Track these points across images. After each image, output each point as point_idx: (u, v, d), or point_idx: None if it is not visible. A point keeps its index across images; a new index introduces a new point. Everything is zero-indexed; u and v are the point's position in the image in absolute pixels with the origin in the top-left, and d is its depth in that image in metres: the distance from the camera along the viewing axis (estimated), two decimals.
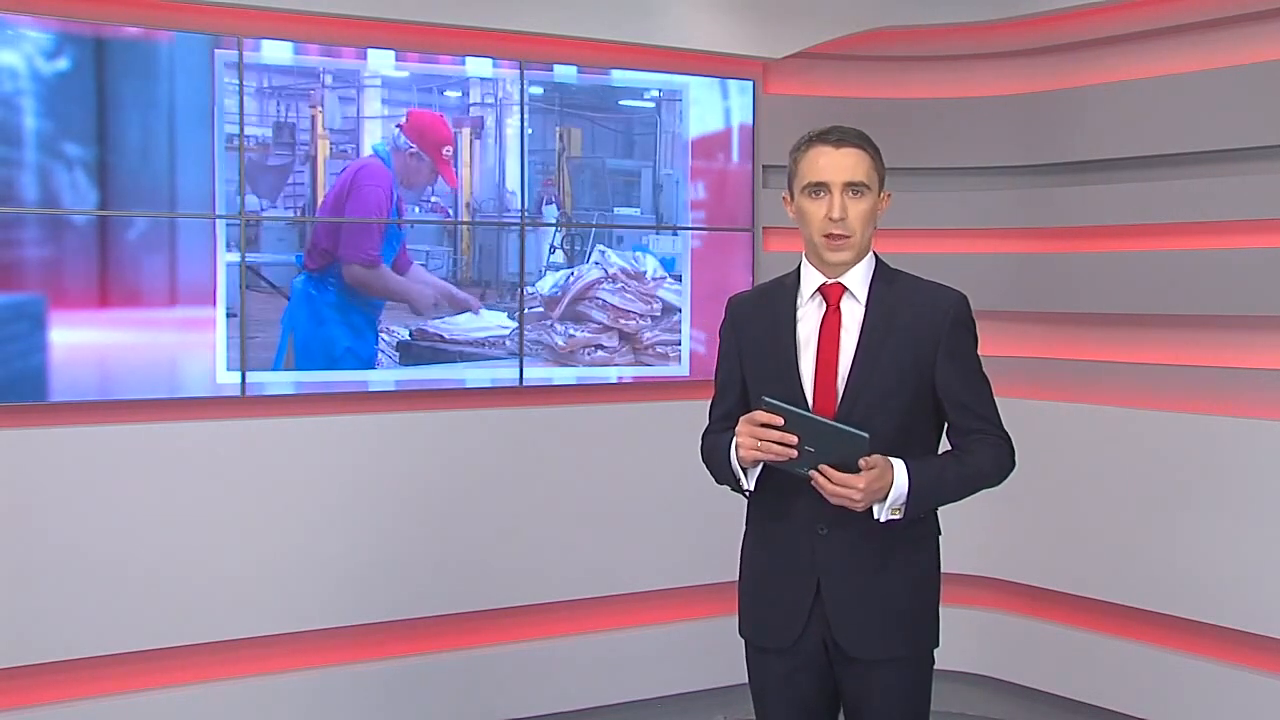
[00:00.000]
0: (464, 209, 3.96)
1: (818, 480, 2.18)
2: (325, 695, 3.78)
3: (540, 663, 4.08)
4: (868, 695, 2.32)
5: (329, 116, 3.76)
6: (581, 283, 4.16)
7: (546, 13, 3.98)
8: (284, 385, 3.74)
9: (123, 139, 3.50)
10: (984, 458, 2.32)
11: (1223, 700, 3.69)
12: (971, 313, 2.36)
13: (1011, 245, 4.34)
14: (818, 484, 2.18)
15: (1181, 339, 3.91)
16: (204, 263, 3.62)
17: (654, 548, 4.23)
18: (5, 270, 3.38)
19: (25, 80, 3.38)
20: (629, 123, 4.20)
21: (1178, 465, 3.83)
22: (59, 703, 3.46)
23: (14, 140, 3.37)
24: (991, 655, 4.28)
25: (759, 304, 2.44)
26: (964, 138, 4.42)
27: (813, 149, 2.30)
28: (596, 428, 4.17)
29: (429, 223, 3.92)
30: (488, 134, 3.99)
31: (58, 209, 3.43)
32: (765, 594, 2.38)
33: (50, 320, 3.43)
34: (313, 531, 3.76)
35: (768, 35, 4.30)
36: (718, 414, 2.48)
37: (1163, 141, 3.94)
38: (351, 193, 3.79)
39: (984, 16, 4.24)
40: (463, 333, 3.98)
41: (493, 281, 4.02)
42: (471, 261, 3.99)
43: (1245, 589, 3.65)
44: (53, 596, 3.44)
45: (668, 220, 4.28)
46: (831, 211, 2.27)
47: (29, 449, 3.42)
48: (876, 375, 2.27)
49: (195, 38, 3.57)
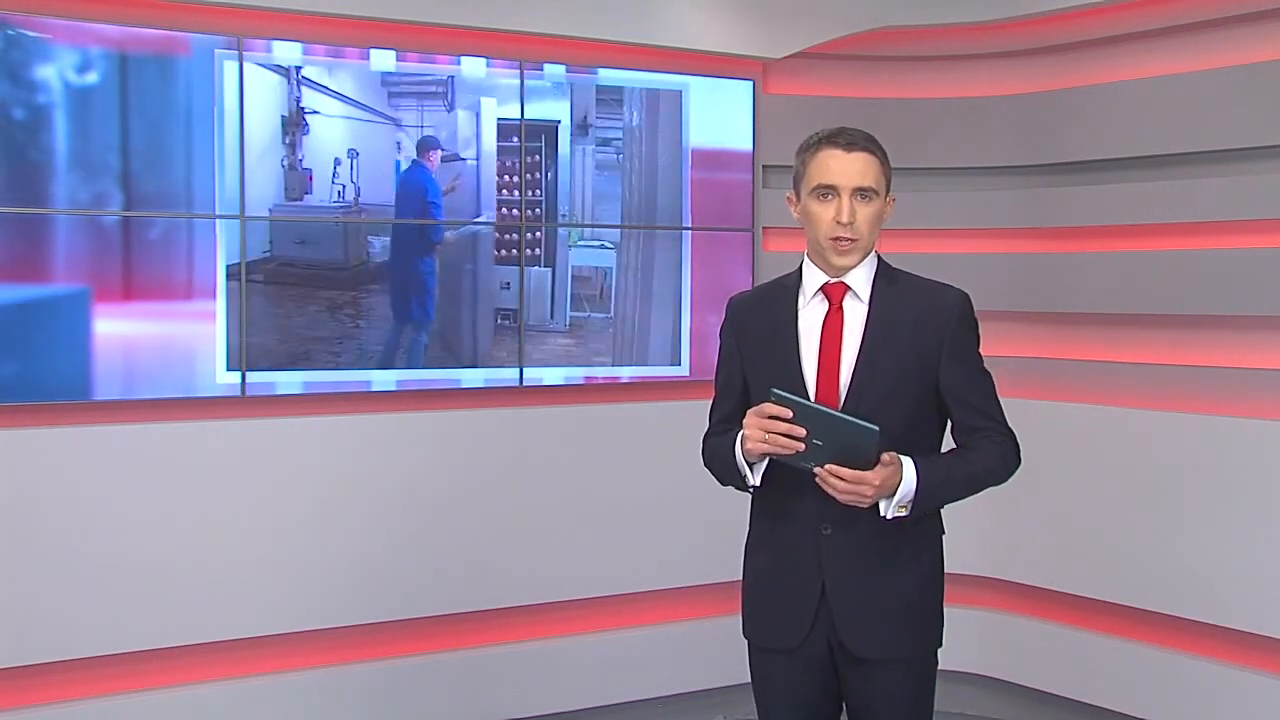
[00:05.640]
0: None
1: (827, 481, 2.16)
2: (325, 695, 3.78)
3: (540, 663, 4.08)
4: (872, 695, 2.31)
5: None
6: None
7: (546, 13, 3.98)
8: (284, 385, 3.74)
9: (124, 139, 3.49)
10: (990, 455, 2.31)
11: (1223, 700, 3.69)
12: (974, 311, 2.35)
13: (1011, 245, 4.34)
14: (827, 484, 2.17)
15: (1181, 339, 3.91)
16: (204, 263, 3.61)
17: (654, 548, 4.23)
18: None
19: (24, 80, 3.38)
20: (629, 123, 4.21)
21: (1178, 465, 3.83)
22: (59, 703, 3.45)
23: (14, 140, 3.37)
24: (992, 655, 4.28)
25: (760, 304, 2.43)
26: (964, 138, 4.42)
27: (823, 151, 2.29)
28: (596, 428, 4.17)
29: (427, 223, 3.92)
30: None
31: (57, 209, 3.43)
32: (769, 595, 2.37)
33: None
34: (313, 531, 3.75)
35: (768, 35, 4.30)
36: (719, 416, 2.47)
37: (1163, 141, 3.94)
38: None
39: (984, 16, 4.24)
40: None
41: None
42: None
43: (1245, 589, 3.65)
44: (52, 596, 3.43)
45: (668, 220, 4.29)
46: (840, 216, 2.26)
47: (28, 449, 3.42)
48: (879, 374, 2.27)
49: (197, 38, 3.57)
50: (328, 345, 3.80)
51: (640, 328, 4.27)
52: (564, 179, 4.13)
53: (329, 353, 3.80)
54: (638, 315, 4.27)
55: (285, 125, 3.72)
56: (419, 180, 3.92)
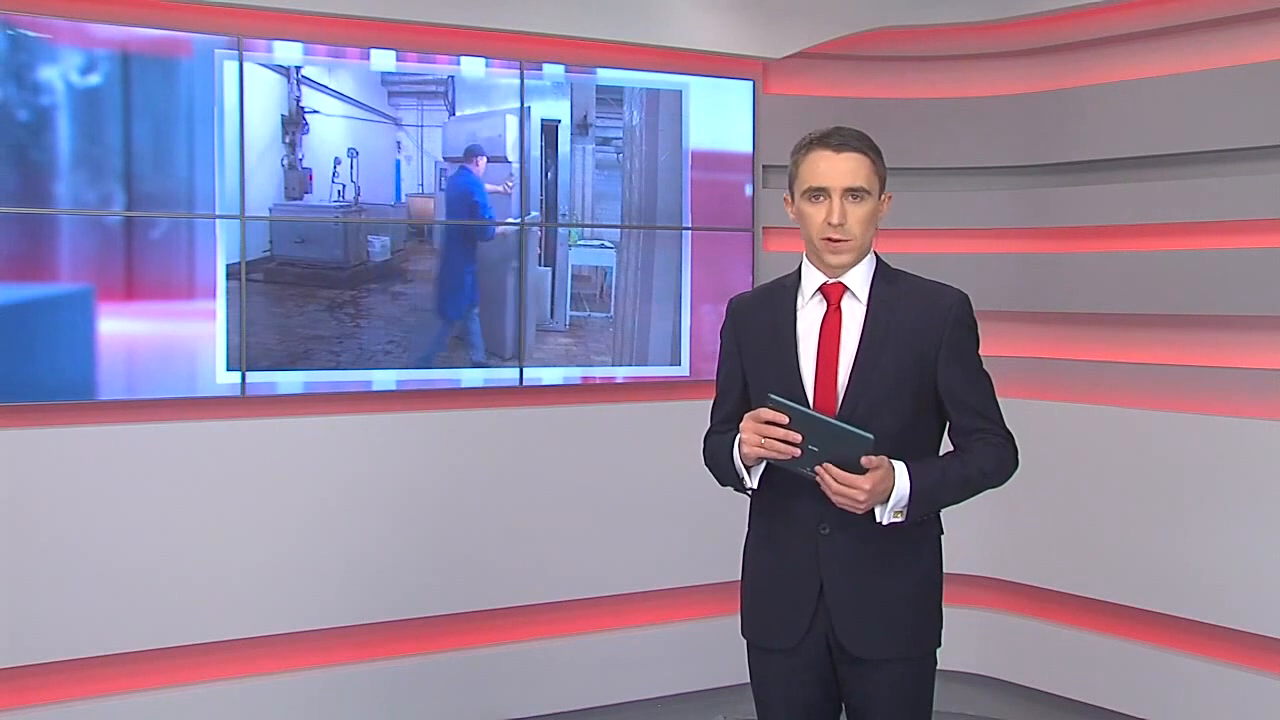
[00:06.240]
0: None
1: (821, 478, 2.17)
2: (325, 695, 3.78)
3: (540, 663, 4.08)
4: (870, 695, 2.32)
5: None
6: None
7: (546, 13, 3.98)
8: (284, 385, 3.74)
9: (125, 139, 3.50)
10: (987, 457, 2.31)
11: (1223, 700, 3.69)
12: (973, 312, 2.35)
13: (1011, 245, 4.34)
14: (821, 481, 2.18)
15: (1181, 339, 3.91)
16: (205, 262, 3.61)
17: (654, 548, 4.23)
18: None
19: (20, 81, 3.38)
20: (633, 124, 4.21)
21: (1178, 465, 3.83)
22: (59, 703, 3.46)
23: (12, 140, 3.37)
24: (991, 655, 4.28)
25: (759, 305, 2.43)
26: (964, 138, 4.42)
27: (813, 152, 2.29)
28: (596, 428, 4.17)
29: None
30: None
31: (55, 209, 3.43)
32: (768, 595, 2.37)
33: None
34: (313, 531, 3.76)
35: (768, 35, 4.30)
36: (719, 416, 2.47)
37: (1162, 141, 3.94)
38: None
39: (984, 16, 4.24)
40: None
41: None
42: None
43: (1245, 589, 3.65)
44: (52, 596, 3.43)
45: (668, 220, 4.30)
46: (831, 217, 2.26)
47: (27, 449, 3.42)
48: (877, 375, 2.27)
49: (197, 38, 3.57)
50: (328, 345, 3.80)
51: (640, 327, 4.27)
52: (564, 178, 4.13)
53: (329, 352, 3.80)
54: (638, 315, 4.27)
55: (285, 125, 3.72)
56: (465, 184, 3.97)
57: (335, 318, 3.81)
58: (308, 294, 3.77)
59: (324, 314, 3.80)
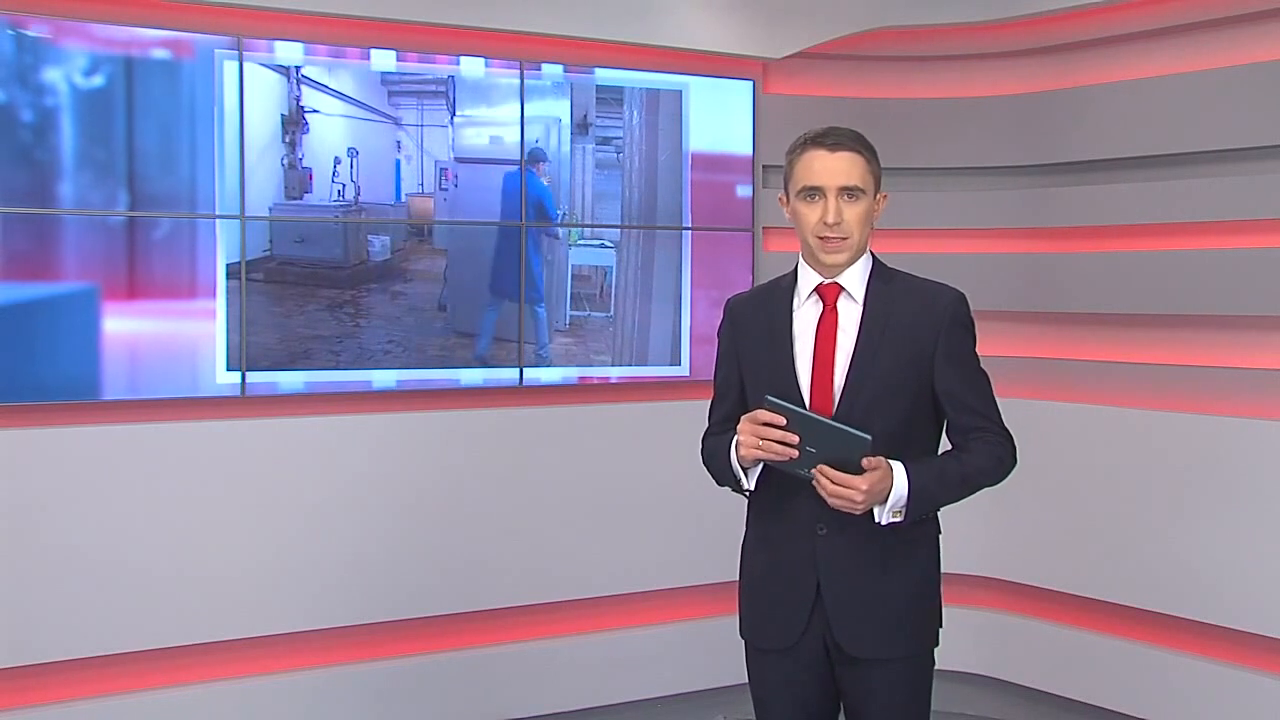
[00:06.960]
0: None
1: (817, 480, 2.18)
2: (325, 695, 3.78)
3: (540, 663, 4.08)
4: (868, 695, 2.31)
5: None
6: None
7: (546, 13, 3.98)
8: (284, 384, 3.74)
9: (126, 140, 3.50)
10: (985, 456, 2.31)
11: (1223, 700, 3.69)
12: (970, 311, 2.35)
13: (1011, 245, 4.34)
14: (817, 484, 2.18)
15: (1181, 339, 3.91)
16: (205, 262, 3.62)
17: (654, 548, 4.23)
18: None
19: (19, 81, 3.39)
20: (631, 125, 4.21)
21: (1178, 465, 3.83)
22: (59, 703, 3.46)
23: (12, 140, 3.38)
24: (991, 655, 4.28)
25: (756, 305, 2.43)
26: (964, 138, 4.42)
27: (807, 152, 2.29)
28: (596, 428, 4.17)
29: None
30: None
31: (57, 209, 3.43)
32: (765, 595, 2.37)
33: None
34: (313, 531, 3.76)
35: (768, 35, 4.30)
36: (717, 416, 2.48)
37: (1163, 141, 3.94)
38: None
39: (984, 16, 4.24)
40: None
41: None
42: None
43: (1245, 589, 3.65)
44: (52, 596, 3.44)
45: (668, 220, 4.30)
46: (826, 216, 2.26)
47: (30, 449, 3.42)
48: (874, 375, 2.26)
49: (198, 38, 3.57)
50: (328, 344, 3.80)
51: (640, 327, 4.27)
52: (564, 178, 4.14)
53: (329, 352, 3.81)
54: (637, 315, 4.27)
55: (285, 124, 3.72)
56: (532, 189, 4.08)
57: (335, 317, 3.81)
58: (308, 294, 3.78)
59: (324, 314, 3.80)
